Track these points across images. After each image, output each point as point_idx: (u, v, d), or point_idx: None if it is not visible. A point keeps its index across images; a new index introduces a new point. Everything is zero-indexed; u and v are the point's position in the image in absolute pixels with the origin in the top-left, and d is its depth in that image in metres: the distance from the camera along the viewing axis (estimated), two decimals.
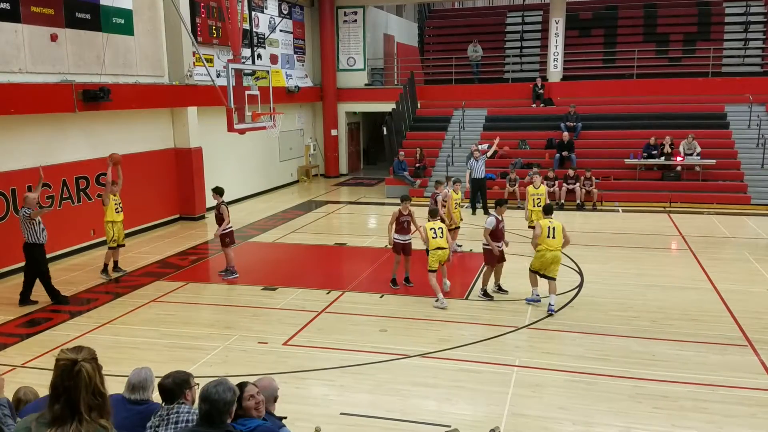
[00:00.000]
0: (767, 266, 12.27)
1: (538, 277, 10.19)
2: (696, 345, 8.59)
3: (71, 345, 3.01)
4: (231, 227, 12.27)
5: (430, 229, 10.36)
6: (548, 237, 9.89)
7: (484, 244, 10.68)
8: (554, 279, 9.99)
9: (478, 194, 18.22)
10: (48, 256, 13.08)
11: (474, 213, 17.95)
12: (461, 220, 13.86)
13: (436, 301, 10.26)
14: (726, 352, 8.35)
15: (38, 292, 10.83)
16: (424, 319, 9.79)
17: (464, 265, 13.02)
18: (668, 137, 19.63)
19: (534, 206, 13.35)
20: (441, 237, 10.34)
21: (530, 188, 13.93)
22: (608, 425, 6.54)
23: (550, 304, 9.86)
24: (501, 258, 10.68)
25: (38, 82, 12.53)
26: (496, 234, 10.55)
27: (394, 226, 11.24)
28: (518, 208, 18.54)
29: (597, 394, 7.22)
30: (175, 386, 4.05)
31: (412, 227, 11.41)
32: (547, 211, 10.39)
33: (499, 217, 10.62)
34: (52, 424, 2.83)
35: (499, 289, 10.91)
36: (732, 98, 21.51)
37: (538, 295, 10.30)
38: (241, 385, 3.96)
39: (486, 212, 17.46)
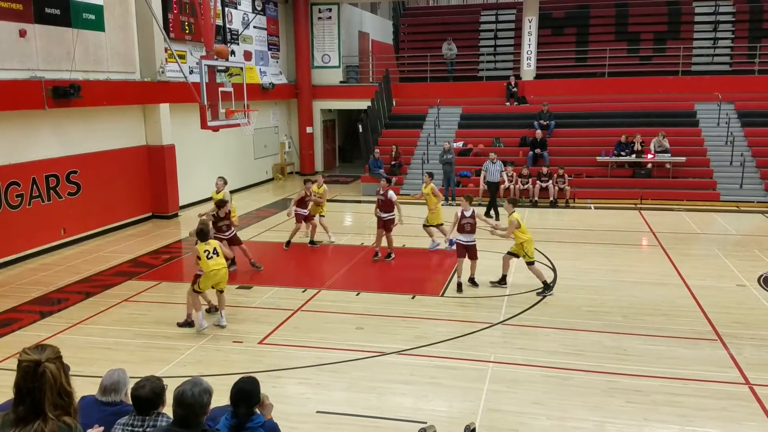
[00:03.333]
0: (736, 262, 12.51)
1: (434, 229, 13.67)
2: (667, 340, 8.73)
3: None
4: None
5: (204, 251, 9.02)
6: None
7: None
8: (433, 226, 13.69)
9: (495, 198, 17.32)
10: (18, 255, 12.98)
11: (488, 216, 16.57)
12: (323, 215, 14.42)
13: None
14: (697, 346, 8.50)
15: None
16: (400, 316, 9.82)
17: (440, 262, 13.06)
18: (639, 135, 19.90)
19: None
20: (217, 256, 9.09)
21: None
22: (582, 419, 6.62)
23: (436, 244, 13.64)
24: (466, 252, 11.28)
25: (6, 78, 12.28)
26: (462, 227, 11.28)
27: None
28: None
29: (571, 388, 7.30)
30: (154, 396, 3.80)
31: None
32: (431, 175, 14.16)
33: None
34: (16, 425, 2.78)
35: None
36: (701, 96, 21.87)
37: (438, 243, 13.66)
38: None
39: (497, 217, 16.56)
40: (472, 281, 11.27)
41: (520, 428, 6.50)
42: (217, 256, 9.11)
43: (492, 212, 17.07)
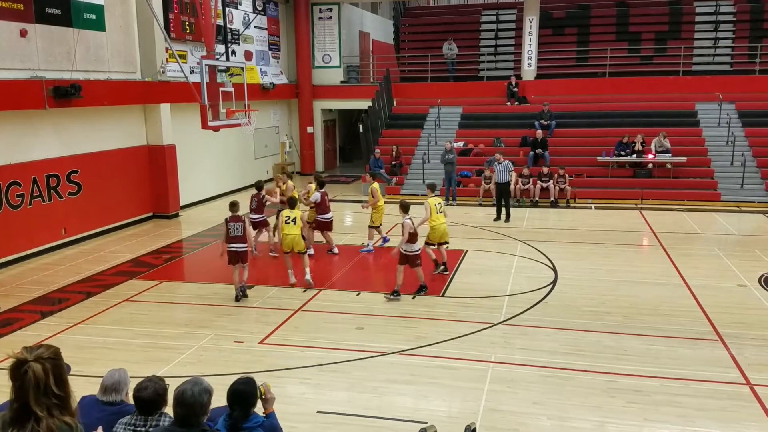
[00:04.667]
0: (736, 262, 12.50)
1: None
2: (667, 340, 8.73)
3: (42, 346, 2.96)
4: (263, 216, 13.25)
5: (285, 217, 11.29)
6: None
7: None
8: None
9: (502, 199, 16.75)
10: (19, 255, 13.00)
11: (498, 218, 16.65)
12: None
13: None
14: (697, 346, 8.50)
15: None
16: (401, 316, 9.82)
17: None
18: (640, 135, 19.89)
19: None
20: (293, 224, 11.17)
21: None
22: (582, 420, 6.62)
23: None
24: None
25: (7, 78, 12.29)
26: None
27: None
28: (492, 205, 18.67)
29: (571, 389, 7.30)
30: (157, 397, 3.81)
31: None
32: (374, 176, 15.07)
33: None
34: (12, 424, 2.80)
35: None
36: (702, 96, 21.85)
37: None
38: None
39: (508, 219, 16.53)
40: (443, 267, 11.87)
41: (520, 428, 6.49)
42: (294, 224, 11.10)
43: (503, 214, 16.70)
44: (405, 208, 10.90)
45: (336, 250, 13.57)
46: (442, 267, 11.93)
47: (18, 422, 2.79)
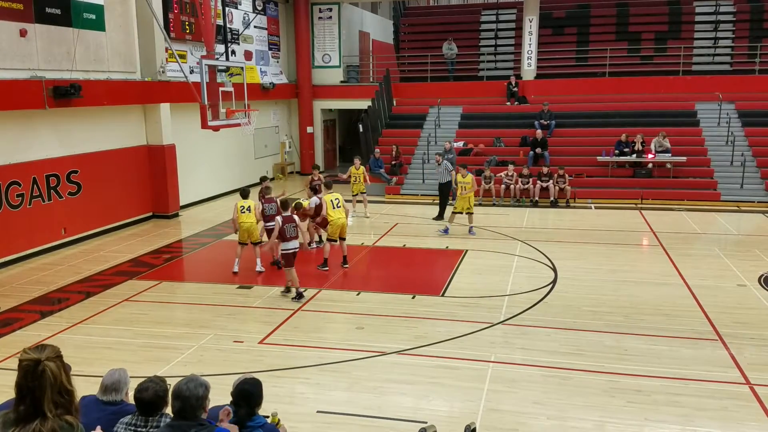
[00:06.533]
0: (736, 262, 12.50)
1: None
2: (668, 339, 8.73)
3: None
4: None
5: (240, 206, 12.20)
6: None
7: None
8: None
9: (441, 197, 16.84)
10: (18, 255, 13.00)
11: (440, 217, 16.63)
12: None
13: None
14: (697, 346, 8.50)
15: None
16: (401, 316, 9.81)
17: (441, 262, 13.06)
18: (639, 135, 19.89)
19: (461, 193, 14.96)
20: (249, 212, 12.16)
21: (458, 176, 15.35)
22: (583, 419, 6.61)
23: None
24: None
25: (7, 78, 12.29)
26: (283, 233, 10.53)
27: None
28: (493, 204, 18.69)
29: (571, 388, 7.29)
30: (157, 399, 3.78)
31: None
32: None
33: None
34: (16, 424, 2.80)
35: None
36: (702, 96, 21.86)
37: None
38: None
39: (440, 217, 16.42)
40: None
41: (520, 428, 6.49)
42: (249, 212, 12.15)
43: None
44: (284, 205, 11.04)
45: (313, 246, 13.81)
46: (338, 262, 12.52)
47: (22, 421, 2.79)
